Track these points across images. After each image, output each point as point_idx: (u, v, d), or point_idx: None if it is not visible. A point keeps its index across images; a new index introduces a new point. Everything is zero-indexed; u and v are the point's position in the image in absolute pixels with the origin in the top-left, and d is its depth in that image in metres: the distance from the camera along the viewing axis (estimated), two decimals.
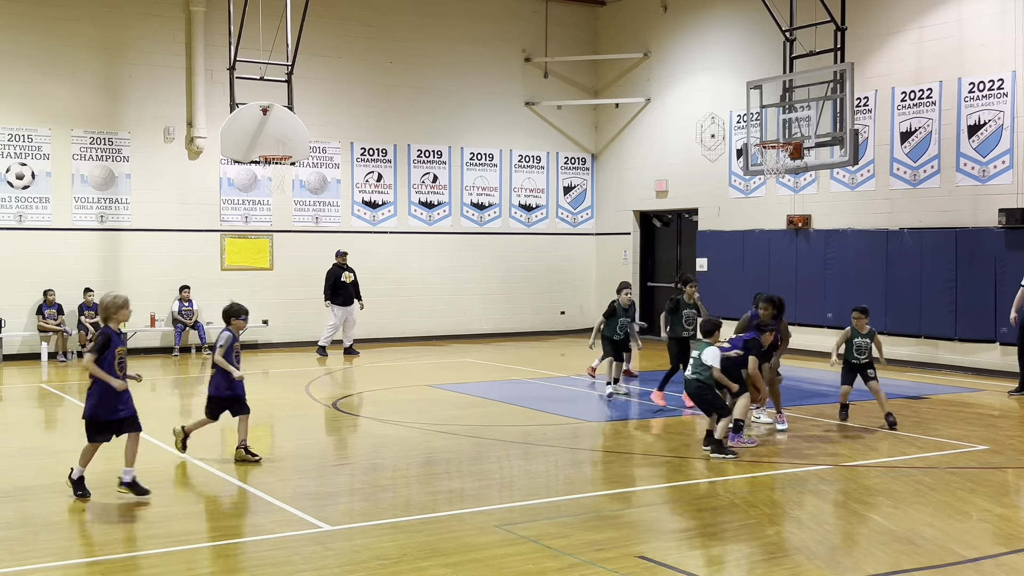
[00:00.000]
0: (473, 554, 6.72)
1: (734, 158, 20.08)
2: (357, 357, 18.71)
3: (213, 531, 7.44)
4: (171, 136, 19.37)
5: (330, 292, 19.02)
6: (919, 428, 11.31)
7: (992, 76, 15.82)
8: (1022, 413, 12.64)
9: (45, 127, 18.43)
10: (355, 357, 18.70)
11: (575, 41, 23.29)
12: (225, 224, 19.88)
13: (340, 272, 19.04)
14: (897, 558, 6.62)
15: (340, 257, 19.16)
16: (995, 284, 15.58)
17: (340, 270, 19.06)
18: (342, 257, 19.17)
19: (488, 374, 16.43)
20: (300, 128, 16.75)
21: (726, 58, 20.35)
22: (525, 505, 8.09)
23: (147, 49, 19.16)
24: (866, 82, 17.32)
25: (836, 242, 18.07)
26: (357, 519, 7.68)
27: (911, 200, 16.98)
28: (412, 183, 21.70)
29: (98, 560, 6.64)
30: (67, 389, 14.92)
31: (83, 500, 8.06)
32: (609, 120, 23.27)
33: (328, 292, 19.04)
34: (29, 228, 18.30)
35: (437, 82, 21.80)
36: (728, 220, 20.27)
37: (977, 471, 9.18)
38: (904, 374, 16.05)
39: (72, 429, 12.13)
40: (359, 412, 12.99)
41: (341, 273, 19.03)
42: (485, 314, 22.44)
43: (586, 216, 23.72)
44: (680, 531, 7.40)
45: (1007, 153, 15.62)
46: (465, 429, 11.35)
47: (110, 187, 18.92)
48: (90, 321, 18.29)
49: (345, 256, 19.23)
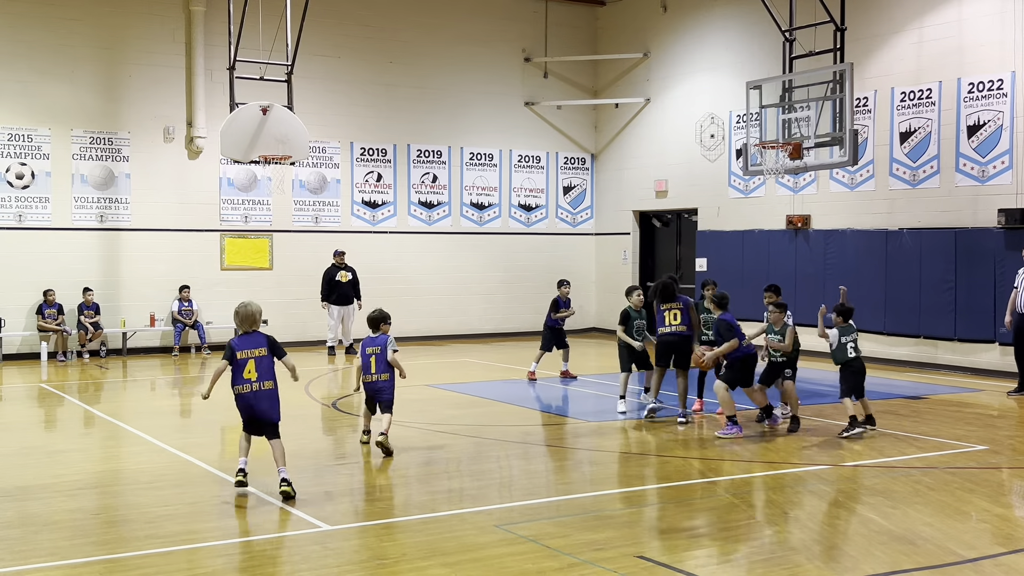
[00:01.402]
0: (472, 554, 6.73)
1: (734, 158, 20.09)
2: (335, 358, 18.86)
3: (212, 531, 7.45)
4: (171, 136, 19.38)
5: (325, 291, 19.11)
6: (918, 428, 11.31)
7: (991, 76, 15.83)
8: (1021, 413, 12.64)
9: (45, 127, 18.43)
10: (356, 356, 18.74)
11: (575, 41, 23.30)
12: (225, 224, 19.89)
13: (336, 272, 19.12)
14: (896, 558, 6.63)
15: (338, 257, 19.24)
16: (994, 284, 15.58)
17: (336, 269, 19.15)
18: (339, 256, 19.24)
19: (488, 374, 16.44)
20: (300, 128, 16.75)
21: (726, 58, 20.36)
22: (525, 505, 8.10)
23: (147, 49, 19.16)
24: (865, 82, 17.33)
25: (835, 242, 18.08)
26: (356, 519, 7.69)
27: (910, 200, 16.99)
28: (412, 183, 21.70)
29: (97, 560, 6.64)
30: (67, 389, 14.93)
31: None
32: (609, 120, 23.27)
33: (324, 291, 19.13)
34: (29, 228, 18.31)
35: (437, 82, 21.81)
36: (728, 220, 20.28)
37: (976, 471, 9.19)
38: (903, 374, 16.07)
39: (71, 429, 12.14)
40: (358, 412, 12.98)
41: (336, 272, 19.11)
42: (485, 314, 22.44)
43: (586, 216, 23.73)
44: (679, 531, 7.41)
45: (1006, 153, 15.63)
46: (465, 429, 11.36)
47: (110, 187, 18.92)
48: (89, 321, 18.30)
49: (343, 256, 19.27)
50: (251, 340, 8.33)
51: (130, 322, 18.94)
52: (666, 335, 11.68)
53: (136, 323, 18.97)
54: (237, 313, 8.43)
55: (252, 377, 8.24)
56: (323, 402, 13.41)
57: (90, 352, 18.46)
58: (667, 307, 11.66)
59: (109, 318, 18.72)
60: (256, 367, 8.25)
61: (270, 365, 8.33)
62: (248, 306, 8.43)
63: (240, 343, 8.34)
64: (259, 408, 8.32)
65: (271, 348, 8.35)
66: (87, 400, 14.07)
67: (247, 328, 8.40)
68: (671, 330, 11.62)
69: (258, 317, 8.47)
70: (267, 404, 8.33)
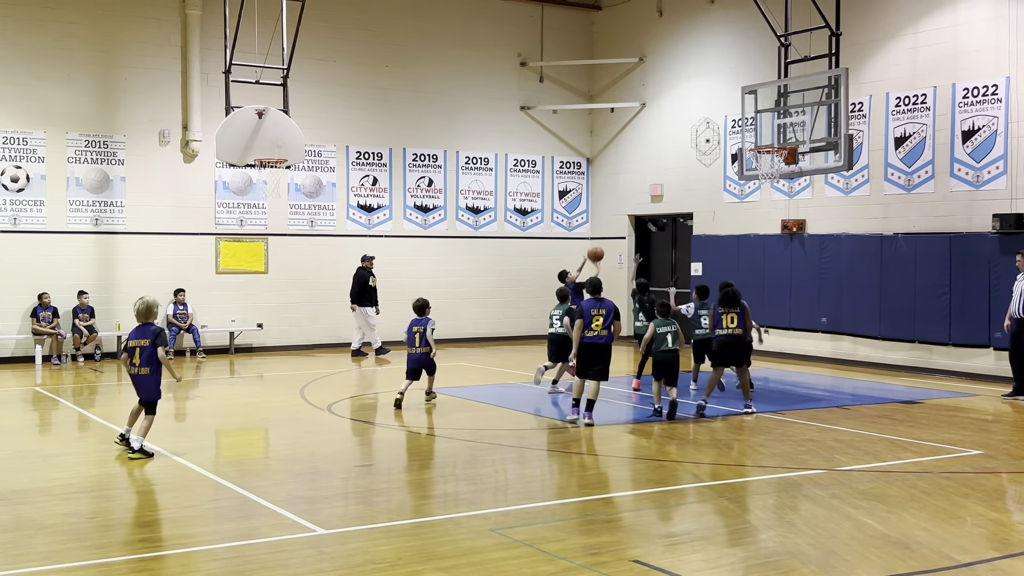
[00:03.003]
0: (468, 558, 6.72)
1: (729, 163, 20.11)
2: (364, 359, 19.16)
3: (207, 535, 7.43)
4: (166, 139, 19.36)
5: (356, 294, 19.48)
6: (913, 433, 11.33)
7: (986, 82, 15.87)
8: (1016, 417, 12.67)
9: (40, 130, 18.41)
10: (363, 359, 19.21)
11: (571, 45, 23.32)
12: (220, 227, 19.87)
13: (368, 276, 19.55)
14: (891, 563, 6.64)
15: (367, 261, 19.62)
16: (989, 289, 15.61)
17: (368, 274, 19.56)
18: (369, 261, 19.65)
19: (483, 378, 16.43)
20: (295, 131, 16.75)
21: (721, 63, 20.39)
22: (520, 509, 8.09)
23: (143, 52, 19.15)
24: (861, 87, 17.37)
25: (831, 247, 18.10)
26: (352, 523, 7.68)
27: (905, 205, 17.01)
28: (407, 187, 21.70)
29: (92, 564, 6.62)
30: (61, 392, 14.90)
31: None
32: (604, 124, 23.30)
33: (355, 294, 19.49)
34: (24, 231, 18.28)
35: (432, 86, 21.81)
36: (723, 225, 20.30)
37: (971, 475, 9.20)
38: (898, 378, 16.09)
39: (66, 432, 12.12)
40: (353, 416, 12.98)
41: (369, 277, 19.54)
42: (480, 318, 22.43)
43: (581, 220, 23.74)
44: (675, 535, 7.41)
45: (1001, 159, 15.67)
46: (460, 433, 11.35)
47: (105, 190, 18.90)
48: (84, 324, 18.27)
49: (372, 260, 19.72)
50: (141, 332, 10.05)
51: (125, 325, 18.89)
52: (723, 336, 12.67)
53: (131, 326, 18.88)
54: (134, 305, 10.27)
55: (137, 363, 9.96)
56: (318, 406, 13.38)
57: (85, 355, 18.44)
58: (725, 311, 12.66)
59: (104, 321, 18.69)
60: (140, 355, 9.94)
61: (152, 354, 9.96)
62: (143, 299, 10.25)
63: (133, 334, 10.13)
64: (137, 389, 10.08)
65: (154, 340, 9.98)
66: (82, 404, 14.05)
67: (142, 320, 10.11)
68: (728, 332, 12.63)
69: (154, 310, 10.22)
70: (144, 386, 10.04)
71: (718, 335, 12.74)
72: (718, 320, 12.75)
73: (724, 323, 12.67)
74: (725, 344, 12.70)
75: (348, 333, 20.28)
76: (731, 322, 12.62)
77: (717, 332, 12.75)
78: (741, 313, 12.67)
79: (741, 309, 12.70)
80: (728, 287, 12.94)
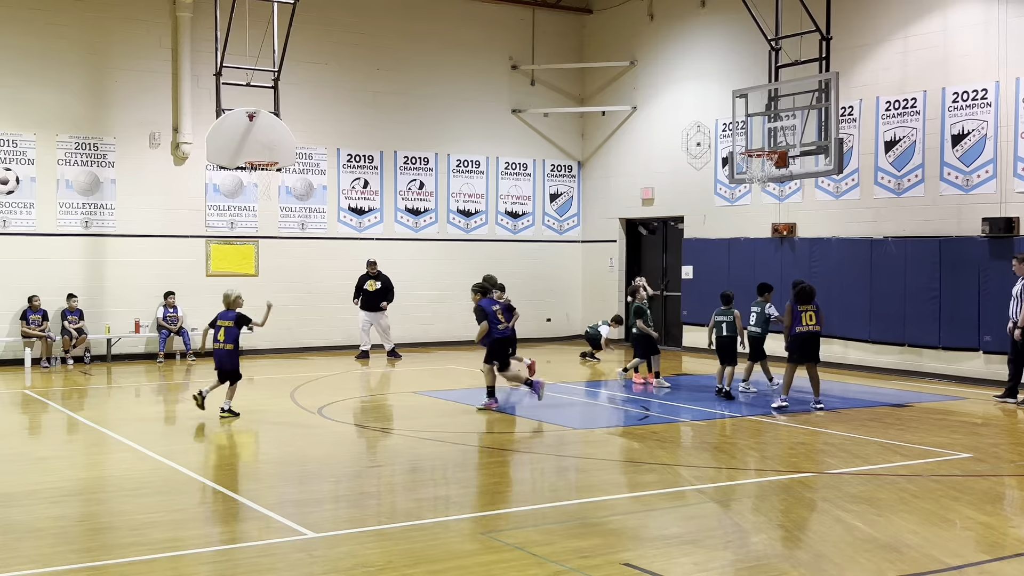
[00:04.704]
0: (458, 561, 6.72)
1: (720, 166, 20.15)
2: (367, 361, 19.24)
3: (197, 538, 7.41)
4: (157, 141, 19.32)
5: (355, 294, 19.63)
6: (903, 436, 11.35)
7: (976, 86, 15.93)
8: (1005, 421, 12.71)
9: (30, 132, 18.36)
10: (366, 361, 19.31)
11: (562, 49, 23.34)
12: (211, 230, 19.83)
13: (366, 279, 19.65)
14: (881, 566, 6.65)
15: (369, 266, 19.71)
16: (978, 293, 15.66)
17: (367, 277, 19.66)
18: (371, 266, 19.70)
19: (474, 381, 16.41)
20: (286, 134, 16.73)
21: (712, 67, 20.42)
22: (511, 512, 8.09)
23: (133, 54, 19.11)
24: (851, 91, 17.42)
25: (821, 250, 18.14)
26: (342, 526, 7.67)
27: (895, 209, 17.06)
28: (398, 190, 21.69)
29: (81, 567, 6.60)
30: (51, 395, 14.85)
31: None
32: (596, 128, 23.32)
33: (354, 294, 19.66)
34: (13, 233, 18.22)
35: (424, 89, 21.81)
36: (713, 228, 20.33)
37: (961, 479, 9.23)
38: (888, 382, 16.12)
39: (55, 435, 12.08)
40: (344, 419, 12.96)
41: (366, 281, 19.63)
42: (471, 321, 22.25)
43: (572, 224, 23.75)
44: (665, 538, 7.41)
45: (990, 163, 15.72)
46: (451, 436, 11.35)
47: (95, 192, 18.85)
48: (74, 327, 18.22)
49: (374, 265, 19.71)
50: (227, 315, 12.44)
51: (115, 328, 18.86)
52: (803, 333, 12.98)
53: (121, 329, 18.89)
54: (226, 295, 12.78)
55: (222, 339, 12.52)
56: (309, 409, 13.36)
57: (74, 358, 18.37)
58: (804, 308, 12.99)
59: (94, 324, 18.64)
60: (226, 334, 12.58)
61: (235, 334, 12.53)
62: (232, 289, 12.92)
63: (221, 315, 12.64)
64: (223, 362, 12.67)
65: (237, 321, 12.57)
66: (71, 406, 14.00)
67: (229, 306, 12.66)
68: (808, 329, 12.99)
69: (240, 300, 12.72)
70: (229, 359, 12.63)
71: (797, 332, 12.92)
72: (796, 317, 12.88)
73: (803, 320, 12.86)
74: (807, 341, 12.92)
75: (339, 336, 20.31)
76: (810, 320, 12.90)
77: (796, 329, 12.92)
78: (817, 311, 12.99)
79: (817, 307, 12.97)
80: (802, 284, 13.22)
